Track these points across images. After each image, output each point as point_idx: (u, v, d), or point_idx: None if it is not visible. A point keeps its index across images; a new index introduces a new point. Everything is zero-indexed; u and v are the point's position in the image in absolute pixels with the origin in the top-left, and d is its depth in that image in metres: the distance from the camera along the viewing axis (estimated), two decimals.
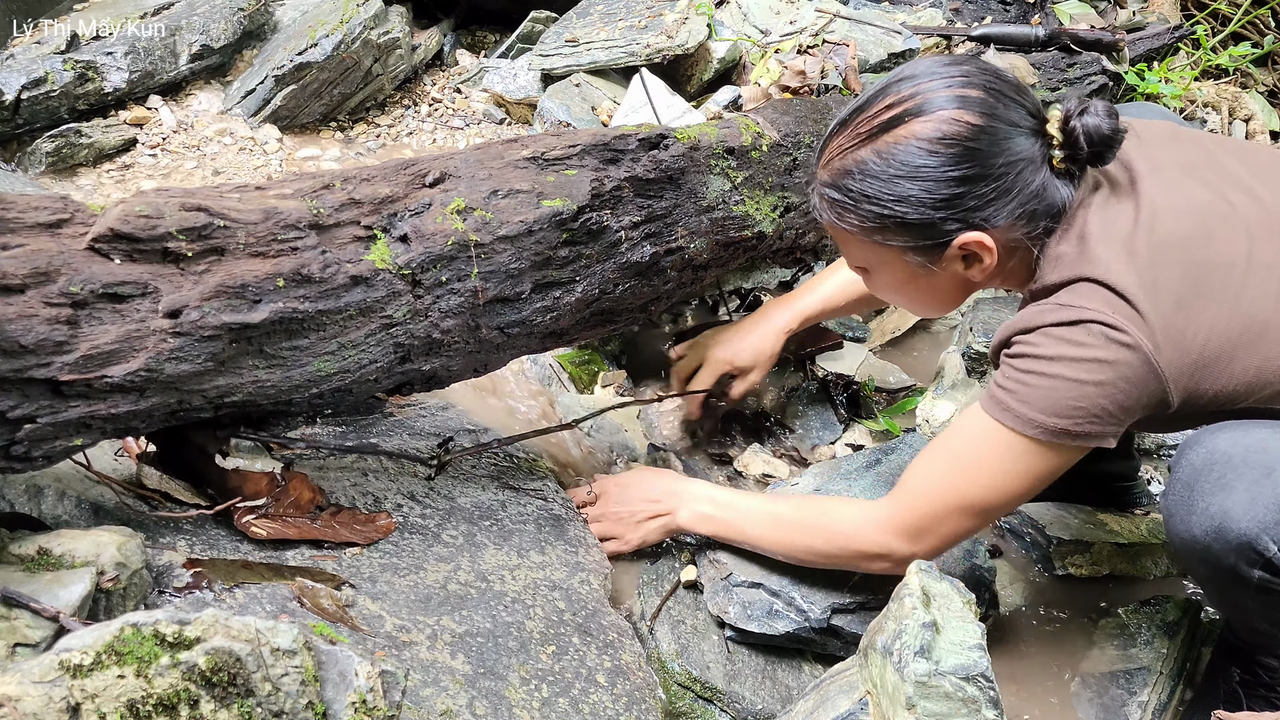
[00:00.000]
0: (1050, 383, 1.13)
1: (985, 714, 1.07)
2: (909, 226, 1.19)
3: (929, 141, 1.16)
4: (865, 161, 1.19)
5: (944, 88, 1.17)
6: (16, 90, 2.09)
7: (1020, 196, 1.17)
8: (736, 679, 1.40)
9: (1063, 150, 1.17)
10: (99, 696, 0.74)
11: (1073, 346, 1.12)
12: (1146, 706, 1.45)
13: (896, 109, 1.18)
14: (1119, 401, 1.13)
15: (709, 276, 1.66)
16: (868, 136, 1.20)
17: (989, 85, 1.17)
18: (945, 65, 1.20)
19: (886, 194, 1.18)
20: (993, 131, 1.15)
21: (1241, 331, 1.11)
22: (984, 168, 1.15)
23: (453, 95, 2.61)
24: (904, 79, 1.21)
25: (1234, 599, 1.20)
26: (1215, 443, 1.12)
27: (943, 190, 1.16)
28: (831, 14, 2.39)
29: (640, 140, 1.50)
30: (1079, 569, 1.68)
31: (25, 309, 0.95)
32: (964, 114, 1.15)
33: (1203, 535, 1.11)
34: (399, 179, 1.29)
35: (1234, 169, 1.22)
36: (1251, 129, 2.78)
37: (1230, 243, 1.14)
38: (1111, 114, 1.16)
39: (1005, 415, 1.17)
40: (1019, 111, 1.17)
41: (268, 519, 1.21)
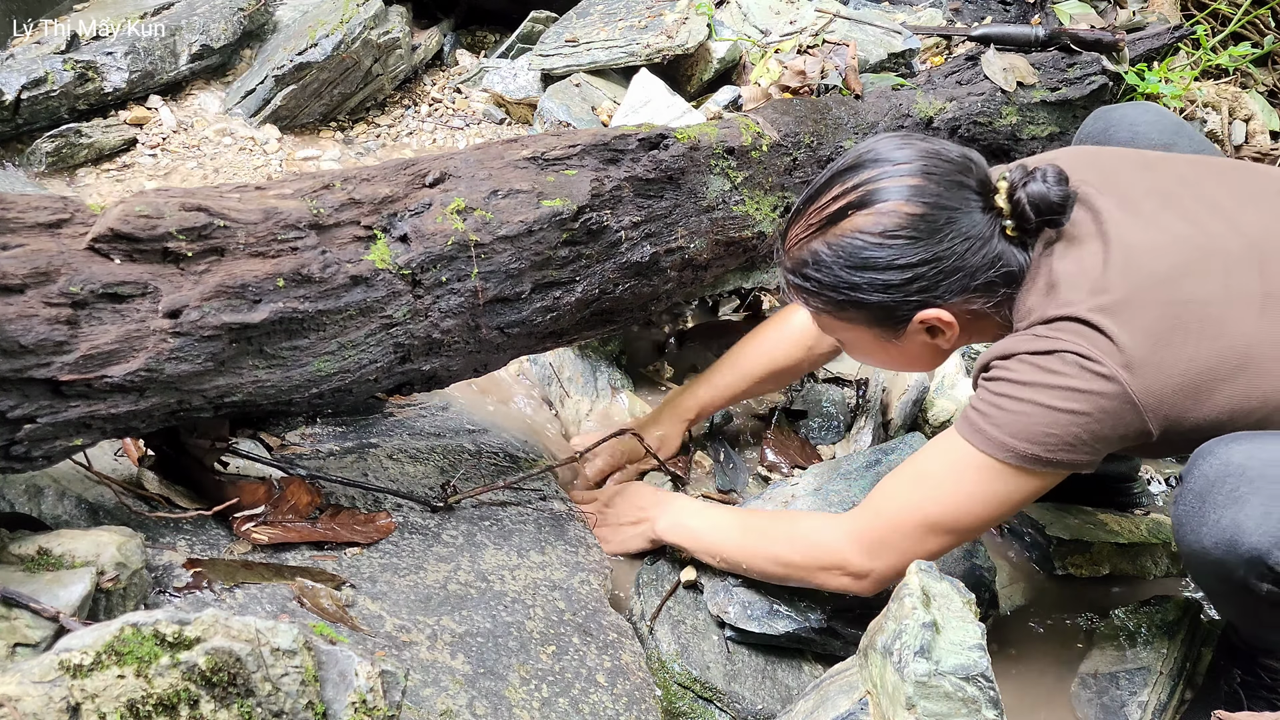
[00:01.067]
0: (1024, 407, 1.14)
1: (985, 714, 1.07)
2: (867, 308, 1.23)
3: (873, 235, 1.19)
4: (818, 253, 1.24)
5: (886, 178, 1.20)
6: (16, 90, 2.08)
7: (971, 273, 1.20)
8: (736, 679, 1.40)
9: (1012, 220, 1.20)
10: (99, 696, 0.74)
11: (1048, 374, 1.13)
12: (1146, 706, 1.45)
13: (841, 201, 1.22)
14: (1093, 431, 1.13)
15: (709, 276, 1.66)
16: (818, 228, 1.24)
17: (931, 170, 1.20)
18: (892, 149, 1.23)
19: (840, 283, 1.23)
20: (935, 218, 1.18)
21: (1221, 364, 1.11)
22: (929, 252, 1.18)
23: (453, 95, 2.61)
24: (849, 168, 1.24)
25: (1242, 610, 1.20)
26: (1229, 454, 1.11)
27: (892, 277, 1.20)
28: (831, 14, 2.39)
29: (640, 140, 1.50)
30: (1079, 569, 1.68)
31: (25, 309, 0.95)
32: (905, 205, 1.18)
33: (1213, 547, 1.10)
34: (399, 179, 1.29)
35: (1214, 194, 1.22)
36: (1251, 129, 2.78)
37: (1208, 277, 1.14)
38: (1060, 179, 1.17)
39: (977, 437, 1.18)
40: (963, 192, 1.20)
41: (267, 525, 1.22)
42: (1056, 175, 1.18)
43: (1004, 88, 2.15)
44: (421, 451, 1.50)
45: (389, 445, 1.49)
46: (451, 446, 1.55)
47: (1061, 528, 1.69)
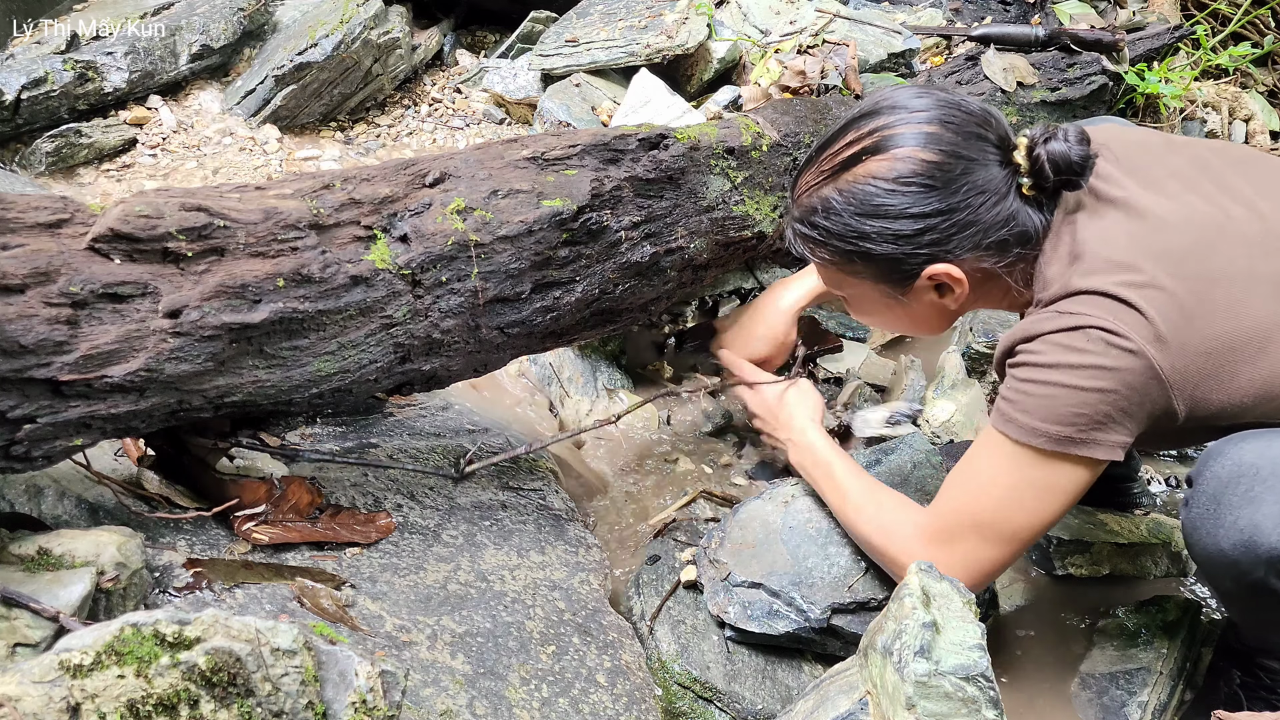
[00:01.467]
0: (1052, 390, 1.12)
1: (985, 714, 1.07)
2: (875, 260, 1.21)
3: (886, 180, 1.17)
4: (829, 199, 1.21)
5: (903, 124, 1.18)
6: (16, 90, 2.09)
7: (985, 228, 1.17)
8: (736, 679, 1.40)
9: (1030, 178, 1.17)
10: (99, 696, 0.74)
11: (1073, 353, 1.11)
12: (1146, 707, 1.45)
13: (855, 146, 1.20)
14: (1122, 408, 1.11)
15: (709, 276, 1.66)
16: (830, 174, 1.21)
17: (949, 119, 1.17)
18: (909, 98, 1.20)
19: (850, 231, 1.20)
20: (951, 167, 1.15)
21: (1245, 344, 1.10)
22: (943, 203, 1.16)
23: (453, 95, 2.61)
24: (865, 114, 1.21)
25: (1257, 612, 1.18)
26: (1240, 454, 1.09)
27: (904, 227, 1.17)
28: (831, 14, 2.39)
29: (640, 140, 1.50)
30: (1079, 569, 1.68)
31: (25, 309, 0.95)
32: (921, 151, 1.16)
33: (1231, 549, 1.08)
34: (399, 179, 1.29)
35: (1234, 181, 1.21)
36: (1251, 129, 2.78)
37: (1231, 256, 1.13)
38: (1082, 139, 1.15)
39: (1009, 426, 1.15)
40: (982, 144, 1.17)
41: (268, 525, 1.21)
42: (1079, 135, 1.16)
43: (1004, 88, 2.15)
44: (422, 451, 1.50)
45: (389, 445, 1.49)
46: (452, 446, 1.55)
47: (1061, 528, 1.69)
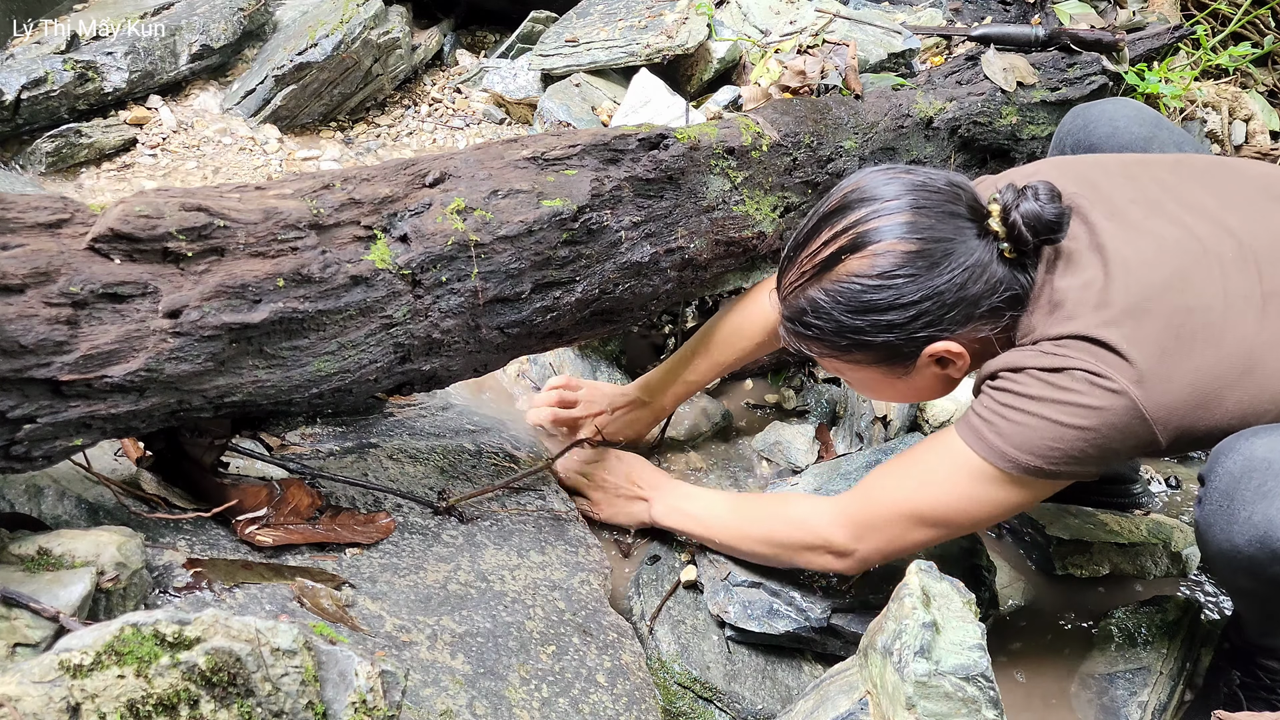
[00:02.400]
0: (1031, 420, 1.13)
1: (985, 714, 1.07)
2: (873, 349, 1.22)
3: (870, 277, 1.17)
4: (816, 300, 1.21)
5: (876, 217, 1.17)
6: (16, 90, 2.08)
7: (975, 301, 1.17)
8: (736, 679, 1.40)
9: (1009, 243, 1.18)
10: (99, 696, 0.74)
11: (1058, 390, 1.12)
12: (1146, 707, 1.45)
13: (833, 246, 1.20)
14: (1100, 446, 1.13)
15: (709, 276, 1.66)
16: (813, 275, 1.22)
17: (920, 204, 1.17)
18: (879, 185, 1.20)
19: (843, 327, 1.20)
20: (931, 253, 1.16)
21: (1228, 370, 1.11)
22: (931, 288, 1.16)
23: (453, 95, 2.61)
24: (836, 210, 1.21)
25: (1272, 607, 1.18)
26: (1252, 449, 1.09)
27: (895, 317, 1.18)
28: (831, 14, 2.39)
29: (640, 140, 1.50)
30: (1079, 569, 1.68)
31: (25, 309, 0.95)
32: (899, 243, 1.16)
33: (1246, 545, 1.08)
34: (399, 179, 1.29)
35: (1198, 198, 1.21)
36: (1251, 129, 2.78)
37: (1205, 282, 1.13)
38: (1053, 196, 1.16)
39: (979, 444, 1.17)
40: (956, 220, 1.17)
41: (270, 528, 1.22)
42: (1049, 192, 1.16)
43: (1004, 88, 2.15)
44: (422, 451, 1.50)
45: (389, 445, 1.49)
46: (452, 447, 1.55)
47: (1061, 528, 1.69)
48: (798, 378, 2.00)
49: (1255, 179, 1.26)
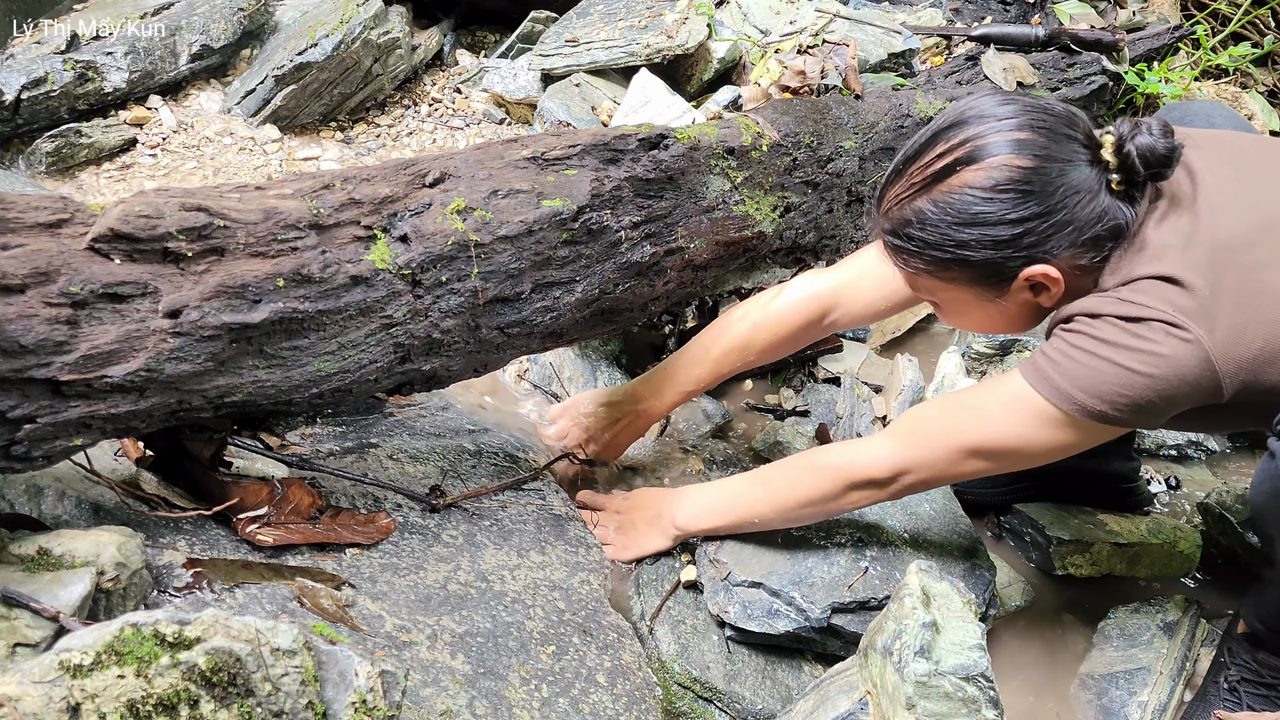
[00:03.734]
0: (1101, 365, 1.14)
1: (985, 714, 1.08)
2: (973, 266, 1.21)
3: (983, 189, 1.17)
4: (923, 211, 1.21)
5: (994, 132, 1.19)
6: (16, 90, 2.08)
7: (1081, 227, 1.18)
8: (736, 679, 1.40)
9: (1120, 174, 1.19)
10: (99, 696, 0.74)
11: (1132, 337, 1.13)
12: (1146, 706, 1.45)
13: (948, 158, 1.20)
14: (1166, 396, 1.14)
15: (709, 276, 1.66)
16: (923, 186, 1.22)
17: (1038, 124, 1.19)
18: (996, 105, 1.21)
19: (947, 240, 1.20)
20: (1045, 171, 1.17)
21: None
22: (1040, 206, 1.17)
23: (453, 95, 2.61)
24: (953, 124, 1.22)
25: None
26: None
27: (1002, 233, 1.18)
28: (831, 14, 2.39)
29: (640, 140, 1.50)
30: (1079, 569, 1.68)
31: (25, 309, 0.95)
32: (1015, 158, 1.17)
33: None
34: (399, 179, 1.29)
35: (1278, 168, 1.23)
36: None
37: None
38: (1166, 131, 1.17)
39: (1043, 385, 1.18)
40: (1071, 145, 1.19)
41: (271, 527, 1.22)
42: (1162, 128, 1.17)
43: (1004, 87, 2.15)
44: (421, 451, 1.50)
45: (389, 445, 1.49)
46: (451, 446, 1.55)
47: (1061, 528, 1.70)
48: (798, 378, 2.00)
49: None
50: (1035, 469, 1.72)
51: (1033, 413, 1.19)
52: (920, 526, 1.54)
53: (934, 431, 1.28)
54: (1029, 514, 1.73)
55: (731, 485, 1.46)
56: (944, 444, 1.26)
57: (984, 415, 1.24)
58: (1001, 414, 1.22)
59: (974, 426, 1.25)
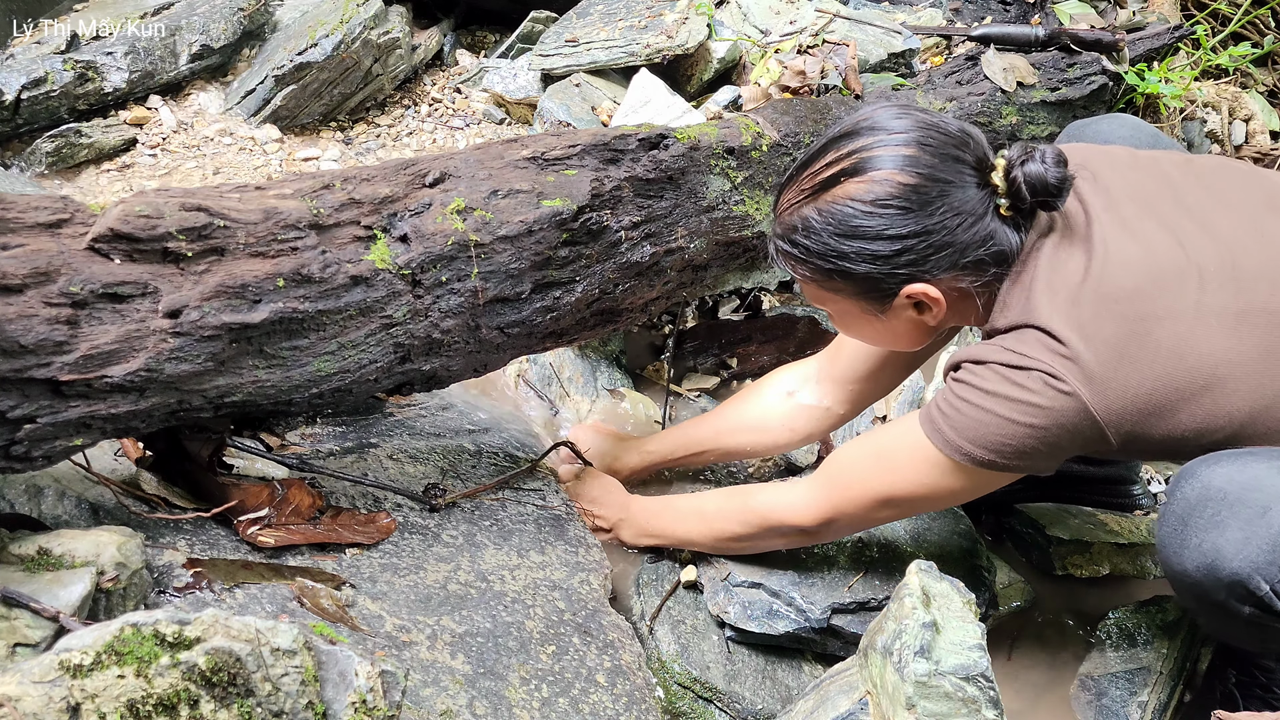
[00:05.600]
0: (983, 415, 1.15)
1: (985, 714, 1.08)
2: (854, 279, 1.22)
3: (864, 203, 1.18)
4: (809, 219, 1.22)
5: (881, 146, 1.19)
6: (16, 90, 2.09)
7: (962, 248, 1.18)
8: (736, 679, 1.40)
9: (1007, 199, 1.18)
10: (99, 696, 0.74)
11: (1013, 387, 1.13)
12: (1146, 707, 1.45)
13: (835, 168, 1.21)
14: (1049, 443, 1.14)
15: (709, 276, 1.66)
16: (810, 194, 1.22)
17: (926, 141, 1.18)
18: (889, 119, 1.21)
19: (829, 251, 1.21)
20: (927, 190, 1.16)
21: (1188, 383, 1.11)
22: (919, 225, 1.17)
23: (453, 95, 2.61)
24: (845, 134, 1.22)
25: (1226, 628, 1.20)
26: (1211, 477, 1.10)
27: (881, 248, 1.18)
28: (831, 14, 2.39)
29: (640, 140, 1.50)
30: (1079, 569, 1.68)
31: (25, 309, 0.95)
32: (898, 174, 1.17)
33: (1194, 571, 1.10)
34: (399, 179, 1.29)
35: (1195, 199, 1.21)
36: (1251, 129, 2.78)
37: (1180, 292, 1.13)
38: (1059, 161, 1.16)
39: (935, 435, 1.20)
40: (959, 165, 1.18)
41: (271, 528, 1.22)
42: (1055, 157, 1.16)
43: (1004, 88, 2.15)
44: (421, 451, 1.50)
45: (389, 445, 1.49)
46: (452, 446, 1.55)
47: (1061, 528, 1.70)
48: None
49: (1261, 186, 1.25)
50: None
51: (931, 462, 1.21)
52: (920, 526, 1.54)
53: (853, 480, 1.31)
54: (1029, 514, 1.73)
55: (675, 511, 1.51)
56: (860, 493, 1.29)
57: (891, 465, 1.26)
58: (906, 463, 1.24)
59: (883, 476, 1.27)
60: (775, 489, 1.42)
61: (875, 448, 1.31)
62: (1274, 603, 1.05)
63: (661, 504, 1.54)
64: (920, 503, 1.27)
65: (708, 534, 1.45)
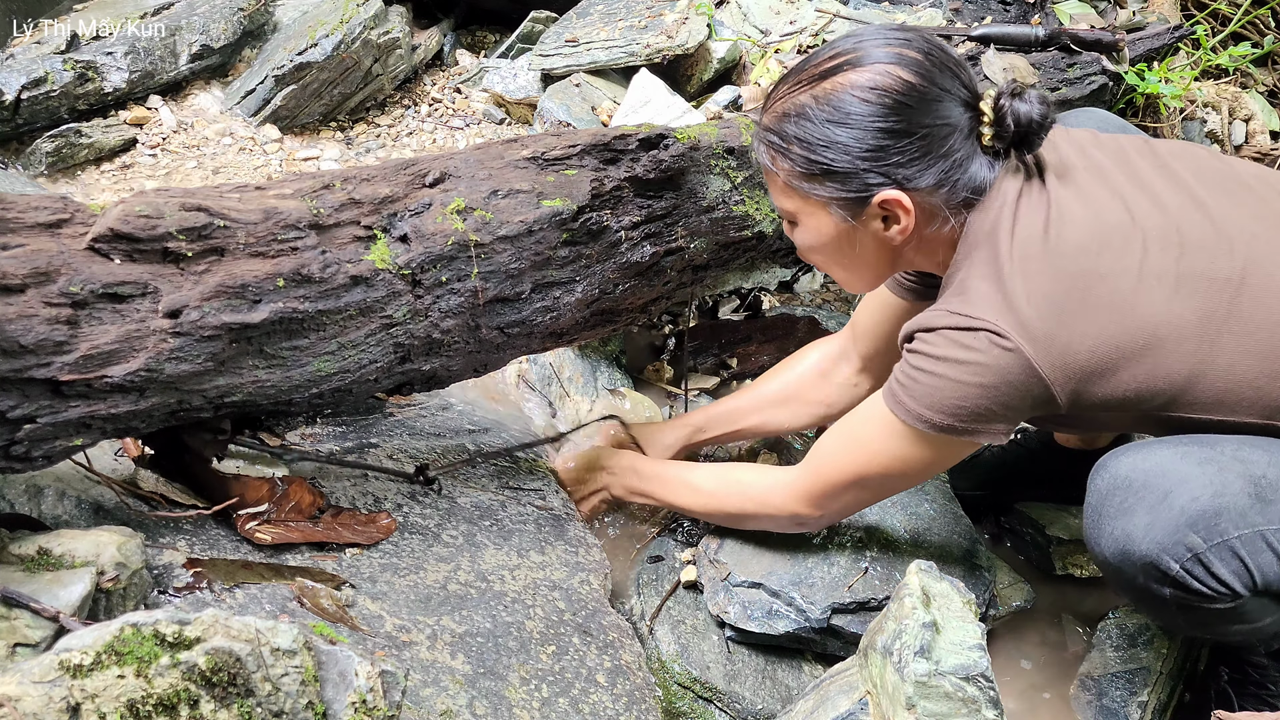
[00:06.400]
0: (937, 381, 1.18)
1: (985, 714, 1.08)
2: (834, 174, 1.22)
3: (862, 89, 1.19)
4: (803, 106, 1.23)
5: (884, 44, 1.22)
6: (16, 90, 2.09)
7: (943, 162, 1.19)
8: (736, 679, 1.40)
9: (991, 129, 1.20)
10: (99, 696, 0.74)
11: (961, 349, 1.16)
12: (1146, 707, 1.45)
13: (837, 59, 1.23)
14: (1001, 402, 1.16)
15: (709, 276, 1.66)
16: (808, 83, 1.24)
17: (928, 51, 1.21)
18: (891, 29, 1.25)
19: (817, 138, 1.21)
20: (924, 91, 1.18)
21: (1129, 342, 1.13)
22: (911, 124, 1.18)
23: (453, 95, 2.61)
24: (849, 35, 1.26)
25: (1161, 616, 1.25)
26: (1118, 468, 1.16)
27: (869, 140, 1.19)
28: (831, 14, 2.39)
29: (640, 140, 1.50)
30: (1079, 569, 1.68)
31: (25, 309, 0.95)
32: (899, 69, 1.19)
33: (1111, 557, 1.16)
34: (399, 179, 1.29)
35: (1148, 174, 1.23)
36: (1251, 129, 2.78)
37: (1123, 254, 1.15)
38: (1044, 103, 1.19)
39: (896, 407, 1.23)
40: (954, 82, 1.21)
41: (270, 525, 1.22)
42: (1041, 99, 1.19)
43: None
44: (422, 451, 1.50)
45: (389, 445, 1.49)
46: (452, 446, 1.55)
47: (1061, 528, 1.70)
48: None
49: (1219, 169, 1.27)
50: (1034, 469, 1.74)
51: (896, 434, 1.24)
52: (920, 526, 1.54)
53: (829, 463, 1.34)
54: (1029, 514, 1.73)
55: (667, 478, 1.53)
56: (837, 475, 1.32)
57: (862, 442, 1.30)
58: (874, 438, 1.27)
59: (855, 455, 1.30)
60: (762, 472, 1.46)
61: (848, 429, 1.33)
62: (1187, 581, 1.11)
63: (653, 468, 1.56)
64: (891, 480, 1.29)
65: (696, 505, 1.49)
